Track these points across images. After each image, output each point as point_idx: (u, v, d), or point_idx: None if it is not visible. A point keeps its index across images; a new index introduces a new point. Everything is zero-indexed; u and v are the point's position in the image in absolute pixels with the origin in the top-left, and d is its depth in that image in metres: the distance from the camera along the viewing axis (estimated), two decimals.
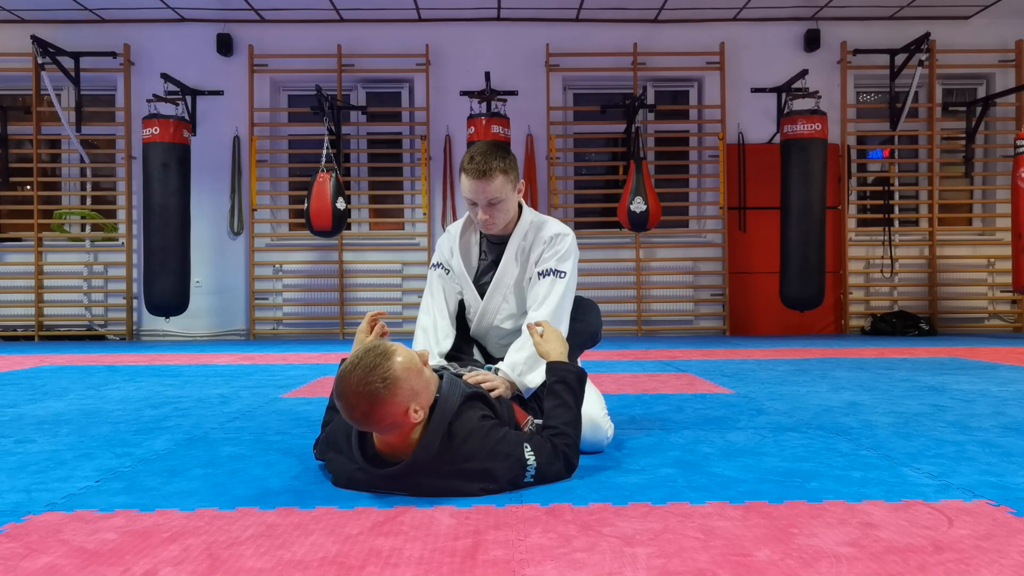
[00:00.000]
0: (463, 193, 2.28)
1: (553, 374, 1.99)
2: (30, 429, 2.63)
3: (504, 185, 2.22)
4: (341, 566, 1.30)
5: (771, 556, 1.33)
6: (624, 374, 4.18)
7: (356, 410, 1.65)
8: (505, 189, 2.23)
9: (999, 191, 7.86)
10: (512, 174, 2.25)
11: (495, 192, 2.21)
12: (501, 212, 2.26)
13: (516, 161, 2.28)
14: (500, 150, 2.23)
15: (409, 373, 1.67)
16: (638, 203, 6.95)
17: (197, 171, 7.36)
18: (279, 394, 3.53)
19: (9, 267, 7.77)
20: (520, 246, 2.35)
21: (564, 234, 2.34)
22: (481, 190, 2.20)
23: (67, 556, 1.36)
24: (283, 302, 7.84)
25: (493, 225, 2.28)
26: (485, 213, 2.25)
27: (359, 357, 1.67)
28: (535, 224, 2.36)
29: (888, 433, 2.45)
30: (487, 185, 2.19)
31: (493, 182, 2.20)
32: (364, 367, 1.65)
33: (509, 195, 2.25)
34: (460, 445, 1.71)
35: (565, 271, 2.30)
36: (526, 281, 2.36)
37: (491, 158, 2.19)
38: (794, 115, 6.95)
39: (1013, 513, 1.58)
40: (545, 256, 2.32)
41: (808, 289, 7.01)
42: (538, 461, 1.78)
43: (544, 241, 2.33)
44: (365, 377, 1.63)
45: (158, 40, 7.77)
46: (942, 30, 7.76)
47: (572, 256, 2.34)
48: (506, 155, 2.23)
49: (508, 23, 7.85)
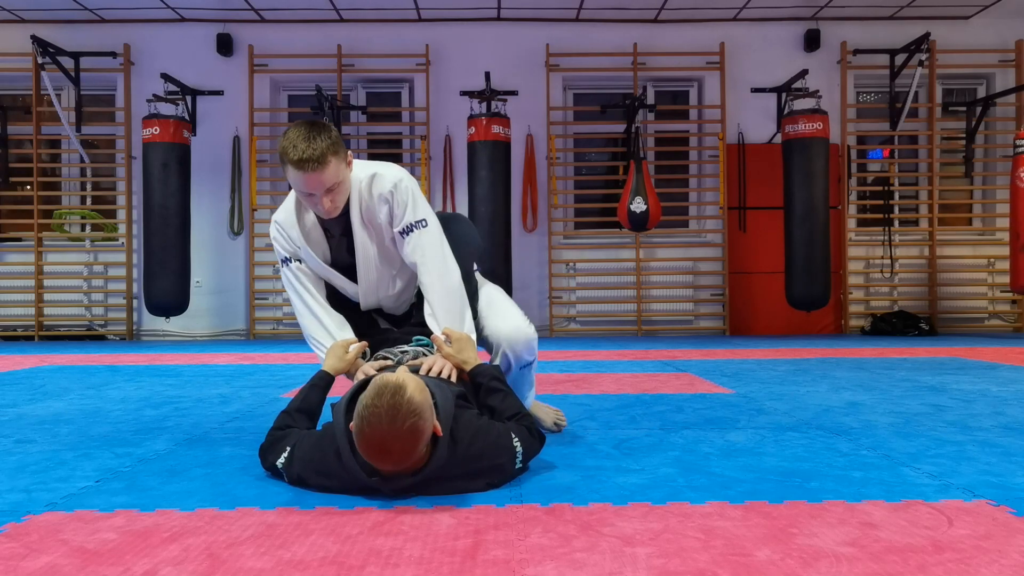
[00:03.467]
0: (294, 186, 2.03)
1: (481, 376, 2.02)
2: (30, 429, 2.63)
3: (338, 167, 1.99)
4: (341, 566, 1.30)
5: (771, 556, 1.33)
6: (624, 374, 4.18)
7: (397, 454, 1.59)
8: (340, 170, 2.00)
9: (999, 191, 7.86)
10: (341, 151, 2.01)
11: (331, 179, 1.98)
12: (341, 194, 2.05)
13: (338, 133, 2.03)
14: (322, 129, 1.98)
15: (423, 392, 1.64)
16: (638, 203, 6.95)
17: (197, 171, 7.36)
18: (279, 394, 3.53)
19: (9, 267, 7.77)
20: (361, 212, 2.14)
21: (399, 180, 2.14)
22: (317, 181, 1.96)
23: (67, 556, 1.36)
24: (283, 302, 7.83)
25: (337, 209, 2.06)
26: (325, 202, 2.01)
27: (375, 406, 1.57)
28: (364, 181, 2.13)
29: (888, 433, 2.45)
30: (322, 174, 1.96)
31: (327, 169, 1.96)
32: (389, 411, 1.56)
33: (345, 174, 2.04)
34: (468, 447, 1.73)
35: (424, 218, 2.15)
36: (388, 241, 2.19)
37: (316, 140, 1.94)
38: (795, 114, 6.95)
39: (1013, 513, 1.58)
40: (396, 214, 2.14)
41: (814, 289, 7.01)
42: (523, 447, 1.84)
43: (384, 199, 2.12)
44: (396, 419, 1.56)
45: (158, 40, 7.77)
46: (942, 30, 7.76)
47: (419, 197, 2.17)
48: (328, 132, 1.98)
49: (508, 23, 7.84)
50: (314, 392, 2.08)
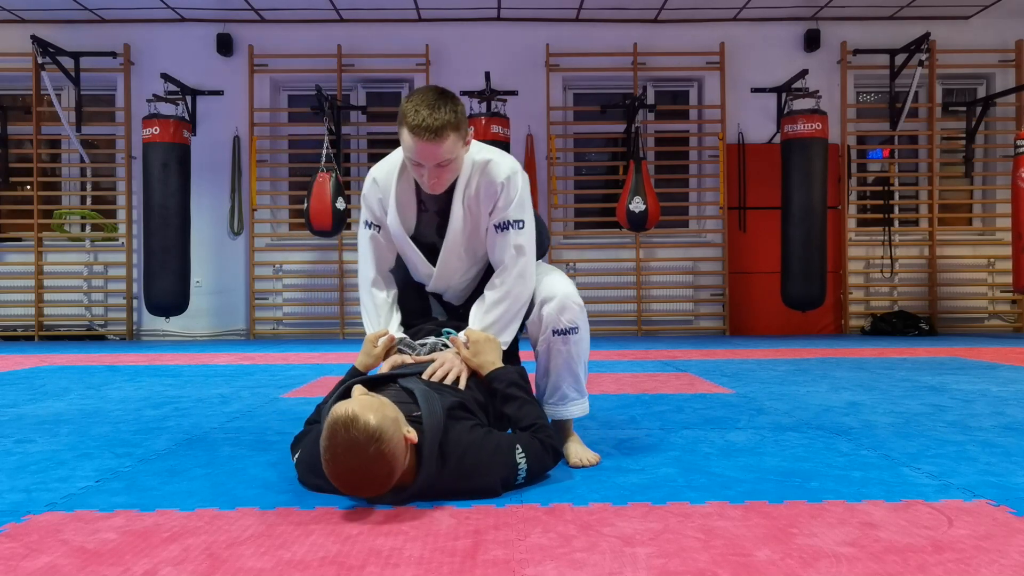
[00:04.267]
0: (405, 151, 1.94)
1: (500, 381, 1.93)
2: (30, 429, 2.63)
3: (456, 143, 1.89)
4: (341, 566, 1.30)
5: (771, 556, 1.33)
6: (624, 374, 4.18)
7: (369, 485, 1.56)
8: (456, 147, 1.90)
9: (999, 191, 7.86)
10: (463, 128, 1.90)
11: (446, 154, 1.88)
12: (450, 172, 1.95)
13: (464, 108, 1.93)
14: (449, 100, 1.88)
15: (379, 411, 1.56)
16: (637, 203, 6.95)
17: (197, 171, 7.35)
18: (279, 394, 3.53)
19: (9, 267, 7.77)
20: (467, 194, 2.03)
21: (513, 173, 2.04)
22: (431, 153, 1.87)
23: (67, 556, 1.36)
24: (283, 302, 7.84)
25: (442, 187, 1.97)
26: (433, 176, 1.93)
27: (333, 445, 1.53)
28: (478, 165, 2.03)
29: (888, 433, 2.45)
30: (438, 147, 1.86)
31: (444, 143, 1.86)
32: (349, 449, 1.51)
33: (460, 152, 1.94)
34: (458, 463, 1.67)
35: (524, 219, 2.04)
36: (482, 232, 2.08)
37: (440, 111, 1.84)
38: (795, 115, 6.95)
39: (1013, 513, 1.58)
40: (499, 206, 2.03)
41: (810, 289, 7.01)
42: (528, 462, 1.76)
43: (495, 188, 2.02)
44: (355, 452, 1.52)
45: (158, 40, 7.77)
46: (942, 30, 7.76)
47: (527, 195, 2.07)
48: (456, 104, 1.89)
49: (508, 23, 7.85)
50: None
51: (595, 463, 2.03)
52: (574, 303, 2.07)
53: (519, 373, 1.98)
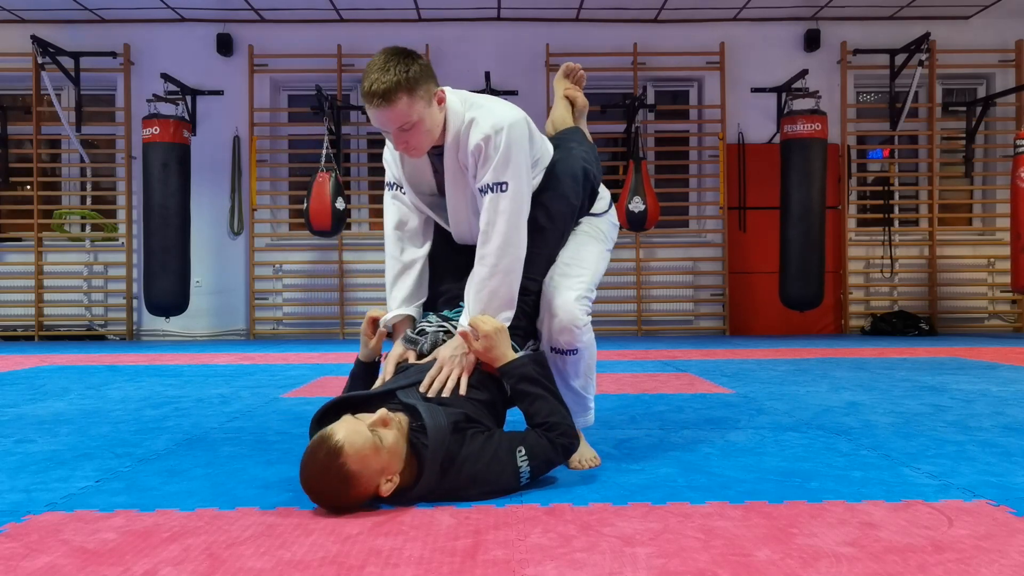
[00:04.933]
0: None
1: (510, 377, 1.86)
2: (30, 429, 2.63)
3: (411, 105, 1.77)
4: (341, 566, 1.30)
5: (771, 556, 1.33)
6: (624, 374, 4.18)
7: (326, 506, 1.61)
8: (415, 109, 1.78)
9: (999, 191, 7.86)
10: (421, 86, 1.78)
11: (400, 118, 1.78)
12: (418, 135, 1.83)
13: (426, 66, 1.81)
14: (401, 59, 1.77)
15: (366, 460, 1.57)
16: (636, 203, 6.95)
17: (197, 171, 7.35)
18: (279, 394, 3.53)
19: (9, 267, 7.77)
20: (455, 157, 1.93)
21: (495, 132, 1.86)
22: (384, 118, 1.79)
23: (67, 556, 1.36)
24: (283, 302, 7.83)
25: (415, 151, 1.87)
26: (400, 141, 1.83)
27: (312, 453, 1.57)
28: (465, 124, 1.90)
29: (888, 433, 2.45)
30: (389, 112, 1.77)
31: (396, 106, 1.76)
32: (319, 466, 1.56)
33: (423, 113, 1.80)
34: (457, 473, 1.68)
35: (506, 181, 1.87)
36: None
37: (388, 72, 1.74)
38: (794, 115, 6.95)
39: (1013, 513, 1.58)
40: (479, 168, 1.89)
41: (808, 289, 7.01)
42: (532, 464, 1.75)
43: (471, 152, 1.88)
44: (322, 476, 1.56)
45: (158, 40, 7.77)
46: (942, 30, 7.76)
47: (513, 154, 1.87)
48: (409, 63, 1.77)
49: (508, 23, 7.85)
50: (356, 384, 2.06)
51: (596, 464, 2.02)
52: (574, 326, 1.96)
53: (534, 363, 1.89)
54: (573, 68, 2.45)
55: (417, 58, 1.81)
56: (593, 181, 2.13)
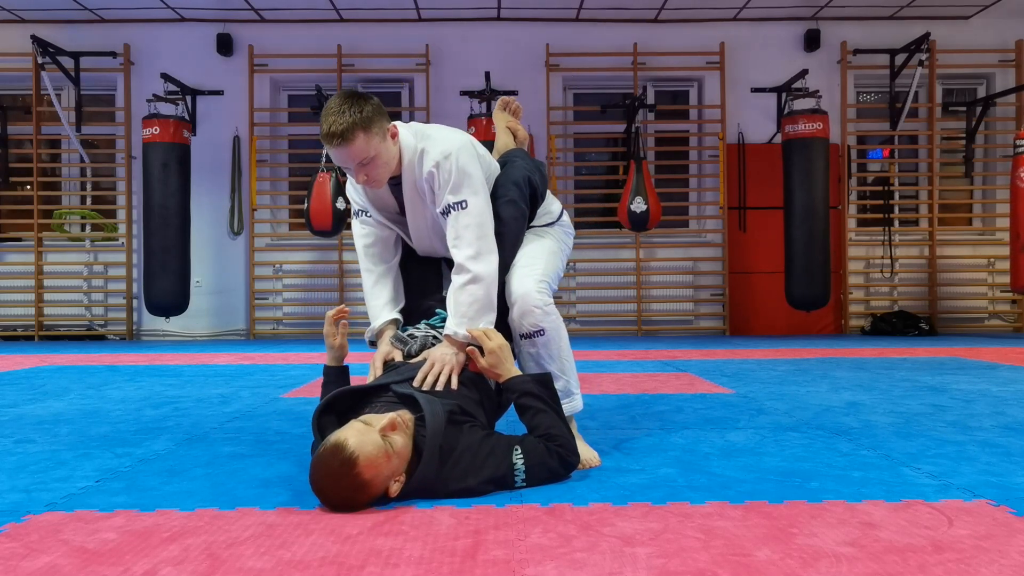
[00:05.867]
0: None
1: (513, 391, 1.93)
2: (30, 429, 2.63)
3: (368, 141, 1.92)
4: (341, 566, 1.30)
5: (771, 556, 1.33)
6: (624, 374, 4.18)
7: (338, 510, 1.62)
8: (371, 145, 1.93)
9: (999, 191, 7.85)
10: (375, 124, 1.93)
11: (359, 154, 1.93)
12: (376, 168, 1.98)
13: (378, 105, 1.96)
14: (355, 101, 1.92)
15: (379, 467, 1.60)
16: (638, 203, 6.95)
17: (197, 171, 7.35)
18: (279, 394, 3.53)
19: (9, 267, 7.77)
20: (412, 185, 2.09)
21: (444, 157, 2.02)
22: (344, 155, 1.93)
23: (67, 556, 1.36)
24: (283, 302, 7.83)
25: (376, 183, 2.02)
26: (360, 175, 1.98)
27: (325, 460, 1.59)
28: (417, 154, 2.05)
29: (888, 433, 2.45)
30: (348, 149, 1.91)
31: (354, 144, 1.90)
32: (334, 474, 1.58)
33: (379, 148, 1.95)
34: (452, 466, 1.71)
35: (464, 199, 2.02)
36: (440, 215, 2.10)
37: (344, 115, 1.89)
38: (795, 115, 6.95)
39: (1013, 513, 1.58)
40: (437, 193, 2.04)
41: (814, 289, 7.01)
42: (527, 464, 1.77)
43: (429, 176, 2.03)
44: (337, 483, 1.59)
45: (158, 40, 7.77)
46: (942, 30, 7.76)
47: (467, 173, 2.03)
48: (363, 104, 1.92)
49: (508, 23, 7.84)
50: (329, 389, 2.07)
51: (596, 464, 2.02)
52: (533, 306, 2.05)
53: (537, 382, 1.95)
54: (508, 101, 2.66)
55: (369, 99, 1.95)
56: (536, 187, 2.25)
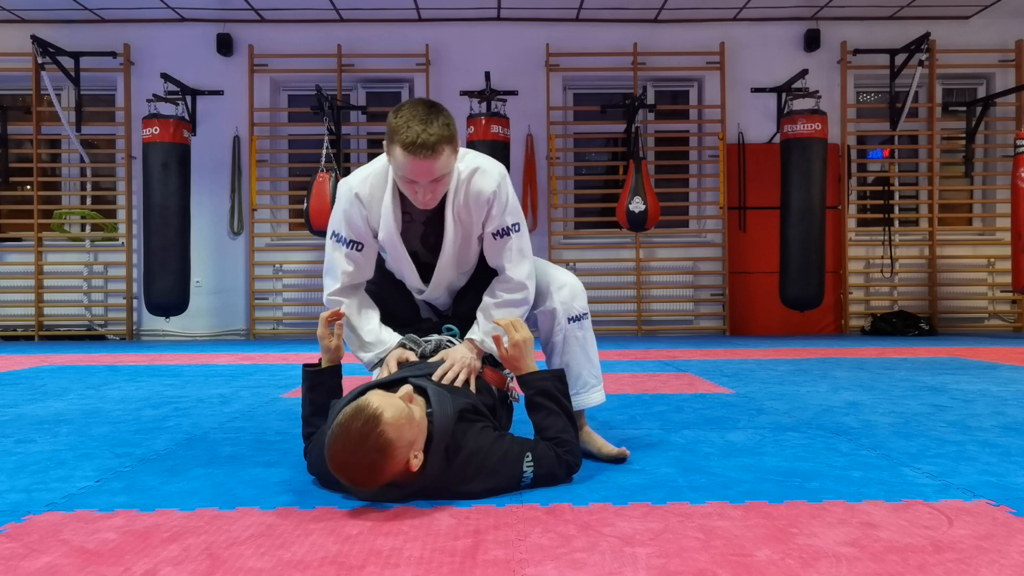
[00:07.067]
0: (396, 169, 1.87)
1: (529, 387, 1.90)
2: (30, 429, 2.63)
3: (450, 157, 1.86)
4: (341, 566, 1.30)
5: (771, 556, 1.33)
6: (624, 374, 4.18)
7: (356, 480, 1.58)
8: (451, 161, 1.87)
9: (999, 191, 7.86)
10: (456, 140, 1.87)
11: (441, 169, 1.84)
12: (444, 186, 1.91)
13: (454, 119, 1.89)
14: (440, 112, 1.84)
15: (402, 429, 1.57)
16: (637, 203, 6.95)
17: (197, 171, 7.35)
18: (279, 394, 3.53)
19: (9, 267, 7.77)
20: (456, 205, 2.00)
21: (503, 179, 2.02)
22: (426, 169, 1.81)
23: (67, 556, 1.36)
24: (283, 302, 7.83)
25: (435, 202, 1.92)
26: (428, 192, 1.87)
27: (346, 427, 1.54)
28: (464, 174, 1.99)
29: (888, 433, 2.45)
30: (434, 163, 1.80)
31: (440, 158, 1.81)
32: (356, 438, 1.53)
33: (453, 165, 1.90)
34: (462, 467, 1.67)
35: (519, 222, 2.06)
36: (473, 241, 2.07)
37: (433, 125, 1.78)
38: (794, 115, 6.95)
39: (1013, 513, 1.58)
40: (494, 214, 2.01)
41: (808, 289, 7.01)
42: (536, 472, 1.75)
43: (487, 198, 1.99)
44: (359, 449, 1.53)
45: (158, 40, 7.77)
46: (942, 30, 7.76)
47: (515, 198, 2.08)
48: (447, 117, 1.85)
49: (508, 23, 7.84)
50: (314, 393, 2.02)
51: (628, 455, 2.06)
52: (582, 290, 2.18)
53: (555, 379, 1.92)
54: None
55: (447, 112, 1.89)
56: None
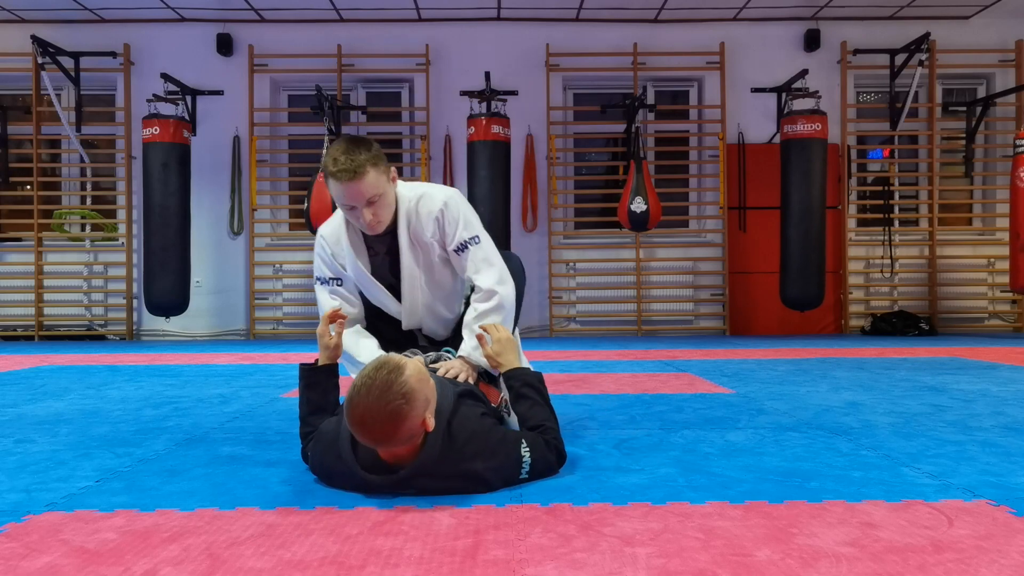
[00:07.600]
0: (336, 199, 2.12)
1: (515, 379, 2.03)
2: (30, 429, 2.63)
3: (378, 179, 2.07)
4: (341, 566, 1.30)
5: (771, 556, 1.33)
6: (624, 374, 4.17)
7: (378, 431, 1.60)
8: (380, 182, 2.08)
9: (999, 191, 7.86)
10: (382, 164, 2.09)
11: (371, 189, 2.06)
12: (384, 208, 2.12)
13: (380, 149, 2.11)
14: (362, 143, 2.08)
15: (422, 383, 1.65)
16: (638, 203, 6.96)
17: (197, 171, 7.36)
18: (279, 394, 3.53)
19: (9, 267, 7.77)
20: (409, 231, 2.22)
21: (448, 200, 2.23)
22: (356, 192, 2.04)
23: (67, 556, 1.36)
24: (283, 302, 7.84)
25: (380, 224, 2.14)
26: (369, 214, 2.09)
27: (370, 378, 1.61)
28: (413, 201, 2.22)
29: (888, 433, 2.45)
30: (360, 184, 2.04)
31: (366, 179, 2.04)
32: (380, 386, 1.59)
33: (386, 187, 2.11)
34: (462, 447, 1.70)
35: (477, 234, 2.24)
36: (437, 258, 2.26)
37: (356, 153, 2.03)
38: (794, 115, 6.96)
39: (1013, 513, 1.58)
40: (448, 232, 2.22)
41: (808, 289, 7.02)
42: (532, 457, 1.80)
43: (434, 219, 2.21)
44: (383, 396, 1.58)
45: (158, 40, 7.77)
46: (942, 30, 7.76)
47: (470, 214, 2.26)
48: (369, 145, 2.08)
49: (508, 23, 7.84)
50: (311, 392, 2.04)
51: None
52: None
53: (536, 376, 2.05)
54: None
55: (373, 143, 2.10)
56: None
